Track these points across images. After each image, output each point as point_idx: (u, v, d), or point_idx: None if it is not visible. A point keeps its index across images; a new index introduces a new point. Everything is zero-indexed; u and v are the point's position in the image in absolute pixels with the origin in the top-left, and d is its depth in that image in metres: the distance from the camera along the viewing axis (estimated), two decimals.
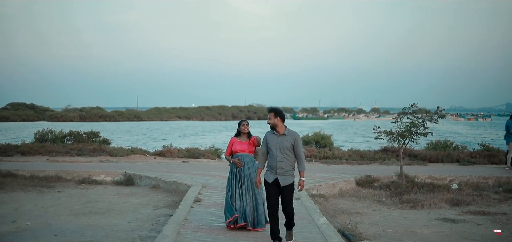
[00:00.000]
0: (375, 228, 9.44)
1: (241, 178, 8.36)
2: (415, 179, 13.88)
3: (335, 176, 14.69)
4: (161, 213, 10.37)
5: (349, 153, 21.62)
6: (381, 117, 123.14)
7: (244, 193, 8.31)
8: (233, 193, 8.35)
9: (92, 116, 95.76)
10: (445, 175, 14.86)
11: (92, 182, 14.34)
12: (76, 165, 17.06)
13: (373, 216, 10.55)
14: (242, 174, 8.36)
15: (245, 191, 8.31)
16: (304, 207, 9.94)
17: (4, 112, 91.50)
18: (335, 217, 10.16)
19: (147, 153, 22.30)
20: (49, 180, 14.13)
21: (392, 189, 12.84)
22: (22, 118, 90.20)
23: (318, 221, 8.65)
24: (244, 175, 8.36)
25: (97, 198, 12.17)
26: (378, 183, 13.81)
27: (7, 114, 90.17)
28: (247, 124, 8.59)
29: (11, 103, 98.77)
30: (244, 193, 8.31)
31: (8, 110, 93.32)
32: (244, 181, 8.35)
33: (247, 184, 8.34)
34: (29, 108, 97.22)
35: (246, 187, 8.32)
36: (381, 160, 20.10)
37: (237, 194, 8.32)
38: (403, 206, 11.54)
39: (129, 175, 14.41)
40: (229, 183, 8.52)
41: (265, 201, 7.89)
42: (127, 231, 8.90)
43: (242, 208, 8.27)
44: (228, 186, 8.50)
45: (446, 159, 20.08)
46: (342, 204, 11.73)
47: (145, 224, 9.43)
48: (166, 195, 12.58)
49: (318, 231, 8.03)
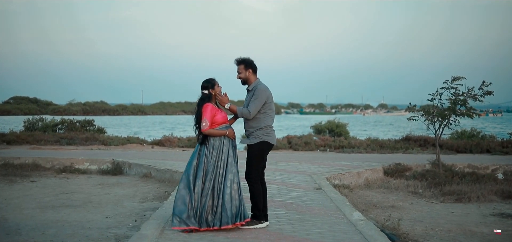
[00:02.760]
0: (420, 226, 7.38)
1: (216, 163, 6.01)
2: (453, 167, 11.75)
3: (358, 164, 12.58)
4: (149, 206, 8.34)
5: (367, 142, 19.48)
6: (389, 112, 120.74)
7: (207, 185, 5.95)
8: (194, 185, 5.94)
9: (95, 111, 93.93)
10: (486, 164, 12.73)
11: (74, 170, 12.32)
12: (59, 152, 15.03)
13: (413, 211, 8.49)
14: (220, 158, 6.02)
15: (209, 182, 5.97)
16: (329, 199, 7.85)
17: (6, 106, 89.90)
18: (367, 212, 8.08)
19: (145, 143, 20.26)
20: (24, 168, 12.11)
21: (429, 179, 10.74)
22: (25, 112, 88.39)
23: (351, 216, 6.57)
24: (222, 159, 6.01)
25: (75, 188, 10.15)
26: (410, 172, 11.71)
27: (9, 108, 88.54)
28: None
29: (14, 97, 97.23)
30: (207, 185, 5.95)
31: (11, 104, 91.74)
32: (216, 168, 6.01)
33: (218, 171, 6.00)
34: (32, 102, 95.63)
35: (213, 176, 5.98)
36: (404, 149, 17.98)
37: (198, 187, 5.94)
38: (446, 199, 9.50)
39: (117, 163, 12.37)
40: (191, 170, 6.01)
41: (240, 191, 5.96)
42: (101, 228, 6.89)
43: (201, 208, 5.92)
44: (188, 176, 5.99)
45: (475, 148, 17.95)
46: (372, 196, 9.64)
47: (126, 220, 7.41)
48: (158, 185, 10.54)
49: (354, 230, 5.95)
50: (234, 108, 6.15)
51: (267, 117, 6.14)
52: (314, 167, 12.05)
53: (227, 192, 5.89)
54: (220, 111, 6.10)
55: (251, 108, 6.03)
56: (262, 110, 6.10)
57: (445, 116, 10.95)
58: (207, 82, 6.11)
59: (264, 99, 6.07)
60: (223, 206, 5.86)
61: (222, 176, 5.93)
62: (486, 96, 11.09)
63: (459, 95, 11.09)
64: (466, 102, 11.10)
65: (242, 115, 6.12)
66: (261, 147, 6.13)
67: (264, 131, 6.12)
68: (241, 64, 6.20)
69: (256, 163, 6.16)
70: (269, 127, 6.17)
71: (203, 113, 5.98)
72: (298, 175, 10.69)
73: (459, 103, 10.89)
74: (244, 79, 6.19)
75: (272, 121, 6.21)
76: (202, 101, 6.05)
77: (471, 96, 11.12)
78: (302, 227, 6.15)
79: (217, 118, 6.03)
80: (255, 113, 6.04)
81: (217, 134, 6.01)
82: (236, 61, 6.25)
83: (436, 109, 11.00)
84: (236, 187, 5.96)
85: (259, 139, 6.11)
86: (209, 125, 5.96)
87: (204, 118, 5.96)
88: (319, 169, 11.65)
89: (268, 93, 6.14)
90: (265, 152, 6.20)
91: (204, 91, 6.07)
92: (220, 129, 6.03)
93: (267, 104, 6.12)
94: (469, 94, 11.13)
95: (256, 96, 6.06)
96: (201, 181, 5.89)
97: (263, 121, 6.11)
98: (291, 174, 10.88)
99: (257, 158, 6.15)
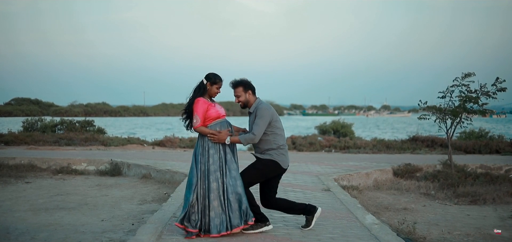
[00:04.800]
0: (436, 230, 6.92)
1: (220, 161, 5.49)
2: (465, 168, 11.27)
3: (366, 165, 12.10)
4: (148, 209, 7.89)
5: (373, 142, 19.00)
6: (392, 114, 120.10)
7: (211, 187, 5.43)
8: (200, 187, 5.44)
9: (97, 112, 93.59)
10: (499, 164, 12.25)
11: (72, 171, 11.86)
12: (56, 152, 14.58)
13: (427, 214, 8.02)
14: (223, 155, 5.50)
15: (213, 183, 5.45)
16: (339, 201, 7.38)
17: (8, 107, 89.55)
18: (379, 215, 7.61)
19: (145, 143, 19.80)
20: (19, 169, 11.66)
21: (442, 180, 10.26)
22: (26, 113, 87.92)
23: (364, 220, 6.10)
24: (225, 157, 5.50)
25: (71, 190, 9.70)
26: (420, 173, 11.23)
27: (10, 109, 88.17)
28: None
29: (15, 98, 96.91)
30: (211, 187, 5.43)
31: (12, 106, 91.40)
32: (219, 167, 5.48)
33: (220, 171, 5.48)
34: (33, 104, 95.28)
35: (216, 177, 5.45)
36: (411, 150, 17.51)
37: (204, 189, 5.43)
38: (460, 201, 9.03)
39: (115, 163, 11.91)
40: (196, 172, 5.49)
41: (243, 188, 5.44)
42: (95, 232, 6.44)
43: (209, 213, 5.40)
44: (194, 177, 5.47)
45: (484, 149, 17.46)
46: (382, 198, 9.17)
47: (123, 223, 6.95)
48: (157, 186, 10.08)
49: (368, 235, 5.47)
50: (236, 139, 5.50)
51: (277, 137, 5.60)
52: (320, 168, 11.58)
53: (230, 190, 5.39)
54: (213, 106, 5.53)
55: (256, 130, 5.46)
56: (269, 131, 5.55)
57: (457, 114, 10.46)
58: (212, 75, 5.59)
59: (268, 118, 5.51)
60: (229, 207, 5.37)
61: (224, 175, 5.42)
62: (499, 93, 10.63)
63: (471, 92, 10.61)
64: (479, 100, 10.63)
65: (248, 142, 5.53)
66: (268, 164, 5.56)
67: (277, 151, 5.58)
68: (238, 86, 5.60)
69: (254, 176, 5.58)
70: (282, 147, 5.63)
71: (194, 108, 5.44)
72: (304, 176, 10.23)
73: (471, 101, 10.41)
74: (244, 102, 5.61)
75: (283, 140, 5.67)
76: (194, 94, 5.56)
77: (484, 93, 10.65)
78: (312, 232, 5.68)
79: (210, 113, 5.47)
80: (260, 135, 5.48)
81: (210, 133, 5.44)
82: (231, 84, 5.64)
83: (447, 107, 10.51)
84: (239, 183, 5.42)
85: (270, 156, 5.57)
86: (201, 121, 5.43)
87: (195, 114, 5.42)
88: (325, 170, 11.18)
89: (272, 112, 5.56)
90: (270, 172, 5.59)
91: (203, 80, 5.58)
92: (215, 124, 5.49)
93: (273, 123, 5.56)
94: (482, 91, 10.66)
95: (259, 116, 5.49)
96: (200, 182, 5.40)
97: (274, 142, 5.57)
98: (297, 174, 10.42)
99: (258, 172, 5.58)
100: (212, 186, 5.36)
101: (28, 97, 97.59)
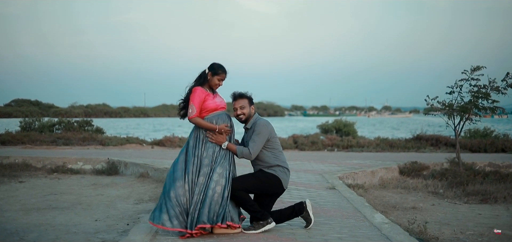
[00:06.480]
0: (448, 230, 6.56)
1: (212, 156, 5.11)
2: (473, 166, 10.90)
3: (371, 163, 11.73)
4: (144, 208, 7.53)
5: (377, 141, 18.62)
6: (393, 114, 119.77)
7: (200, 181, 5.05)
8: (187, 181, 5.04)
9: (97, 113, 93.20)
10: (508, 162, 11.88)
11: (67, 170, 11.50)
12: (51, 151, 14.22)
13: (436, 213, 7.66)
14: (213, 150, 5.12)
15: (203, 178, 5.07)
16: (346, 200, 7.02)
17: (8, 108, 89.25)
18: (387, 214, 7.24)
19: (144, 143, 19.44)
20: (13, 168, 11.31)
21: (450, 178, 9.90)
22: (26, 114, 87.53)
23: (373, 219, 5.75)
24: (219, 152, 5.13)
25: (65, 189, 9.34)
26: (427, 171, 10.87)
27: (10, 110, 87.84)
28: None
29: (15, 100, 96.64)
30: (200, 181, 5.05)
31: (12, 107, 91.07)
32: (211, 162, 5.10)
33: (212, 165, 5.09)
34: (33, 105, 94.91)
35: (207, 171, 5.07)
36: (416, 148, 17.14)
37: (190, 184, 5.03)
38: (470, 199, 8.68)
39: (112, 162, 11.55)
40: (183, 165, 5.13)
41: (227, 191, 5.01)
42: (88, 233, 6.09)
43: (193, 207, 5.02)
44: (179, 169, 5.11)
45: (490, 148, 17.10)
46: (389, 197, 8.81)
47: (117, 223, 6.60)
48: (155, 185, 9.72)
49: (379, 234, 5.11)
50: (233, 147, 5.17)
51: (279, 153, 5.28)
52: (324, 166, 11.22)
53: (212, 186, 4.94)
54: (212, 96, 5.17)
55: (252, 147, 5.13)
56: (268, 147, 5.22)
57: (467, 110, 10.08)
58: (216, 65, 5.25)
59: (267, 135, 5.19)
60: (203, 202, 4.92)
61: (211, 169, 5.02)
62: (509, 88, 10.24)
63: (481, 87, 10.23)
64: (489, 96, 10.24)
65: (243, 157, 5.21)
66: (271, 178, 5.22)
67: (281, 169, 5.25)
68: (242, 98, 5.28)
69: (252, 184, 5.22)
70: (285, 166, 5.31)
71: (191, 98, 5.09)
72: (308, 174, 9.87)
73: (481, 96, 10.03)
74: (247, 116, 5.28)
75: (285, 158, 5.37)
76: (194, 83, 5.21)
77: (493, 89, 10.26)
78: (319, 231, 5.32)
79: (208, 104, 5.13)
80: (256, 153, 5.16)
81: (205, 126, 5.09)
82: (236, 95, 5.29)
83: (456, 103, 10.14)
84: (223, 182, 4.97)
85: (274, 172, 5.23)
86: (197, 111, 5.06)
87: (191, 104, 5.06)
88: (329, 168, 10.82)
89: (270, 128, 5.24)
90: (270, 187, 5.25)
91: (205, 69, 5.22)
92: (211, 116, 5.13)
93: (271, 140, 5.23)
94: (491, 86, 10.27)
95: (257, 132, 5.17)
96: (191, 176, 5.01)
97: (275, 158, 5.26)
98: (300, 172, 10.06)
99: (257, 182, 5.23)
100: (199, 180, 4.99)
101: (28, 99, 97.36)
